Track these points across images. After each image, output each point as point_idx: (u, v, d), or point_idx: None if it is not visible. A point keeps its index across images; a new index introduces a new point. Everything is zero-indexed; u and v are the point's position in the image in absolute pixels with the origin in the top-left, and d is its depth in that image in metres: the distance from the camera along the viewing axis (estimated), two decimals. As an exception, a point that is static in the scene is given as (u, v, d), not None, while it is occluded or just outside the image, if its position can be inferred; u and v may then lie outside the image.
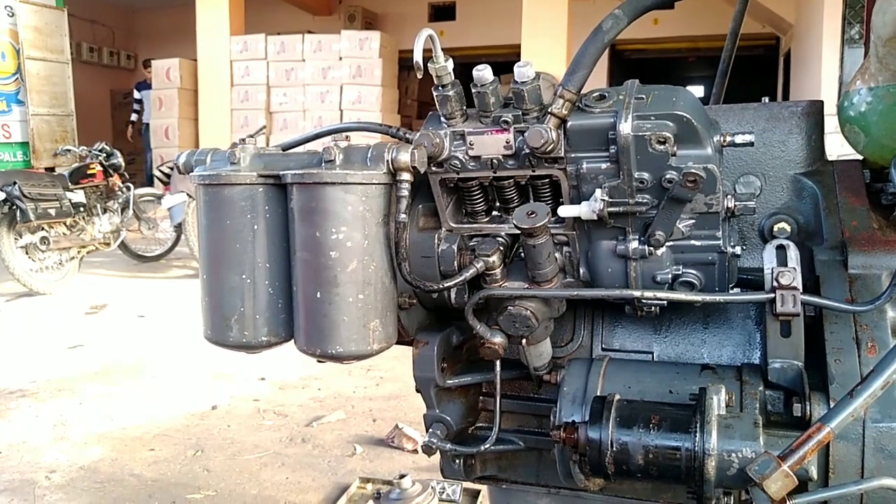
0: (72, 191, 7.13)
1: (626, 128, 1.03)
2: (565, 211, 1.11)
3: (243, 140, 1.24)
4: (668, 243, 1.11)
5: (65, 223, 7.07)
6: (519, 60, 1.07)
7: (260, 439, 3.48)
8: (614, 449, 1.04)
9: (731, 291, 1.16)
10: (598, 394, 1.15)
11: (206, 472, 3.14)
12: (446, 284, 1.16)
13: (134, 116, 13.11)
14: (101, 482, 3.04)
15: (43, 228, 6.79)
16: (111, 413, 3.83)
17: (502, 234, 1.22)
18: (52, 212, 6.78)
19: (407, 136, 1.28)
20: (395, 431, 3.40)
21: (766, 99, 1.35)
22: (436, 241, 1.23)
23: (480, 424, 1.43)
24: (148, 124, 12.50)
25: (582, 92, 1.10)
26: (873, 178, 1.32)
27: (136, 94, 12.98)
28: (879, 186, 1.31)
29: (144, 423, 3.69)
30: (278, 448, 3.37)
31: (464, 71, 1.07)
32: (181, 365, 4.65)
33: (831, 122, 1.29)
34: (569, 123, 1.08)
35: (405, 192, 1.11)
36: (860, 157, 1.35)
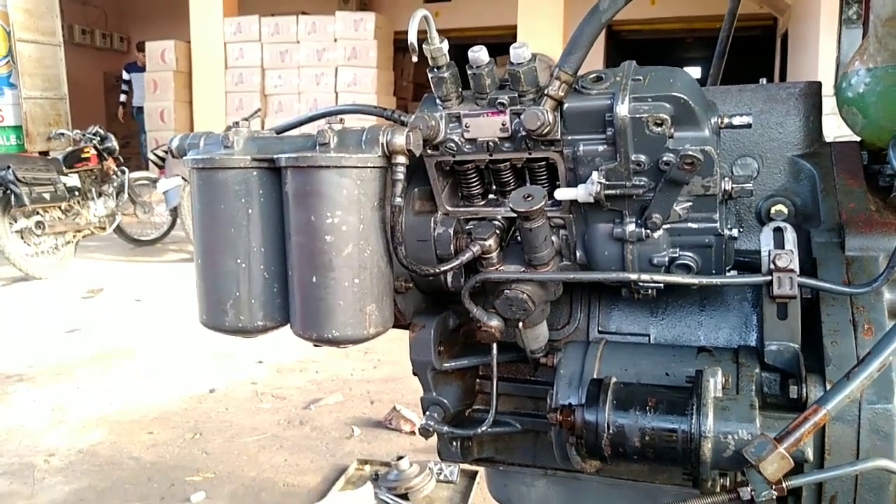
0: (66, 175, 7.08)
1: (622, 110, 1.02)
2: (562, 194, 1.10)
3: (237, 123, 1.23)
4: (664, 226, 1.10)
5: (60, 207, 7.03)
6: (515, 41, 1.05)
7: (258, 422, 3.49)
8: (611, 431, 1.05)
9: (727, 274, 1.16)
10: (595, 376, 1.15)
11: (205, 454, 3.15)
12: (443, 268, 1.16)
13: (122, 97, 13.00)
14: (100, 465, 3.05)
15: (38, 213, 6.75)
16: (109, 397, 3.83)
17: (499, 217, 1.22)
18: (47, 196, 6.75)
19: (402, 118, 1.27)
20: (392, 413, 3.41)
21: (764, 80, 1.34)
22: (432, 224, 1.22)
23: (477, 407, 1.43)
24: (140, 107, 12.39)
25: (579, 73, 1.09)
26: (871, 159, 1.32)
27: (125, 76, 12.86)
28: (877, 168, 1.30)
29: (142, 406, 3.70)
30: (276, 431, 3.39)
31: (459, 52, 1.06)
32: (178, 348, 4.65)
33: (829, 104, 1.28)
34: (565, 105, 1.07)
35: (400, 176, 1.10)
36: (858, 139, 1.34)
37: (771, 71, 13.17)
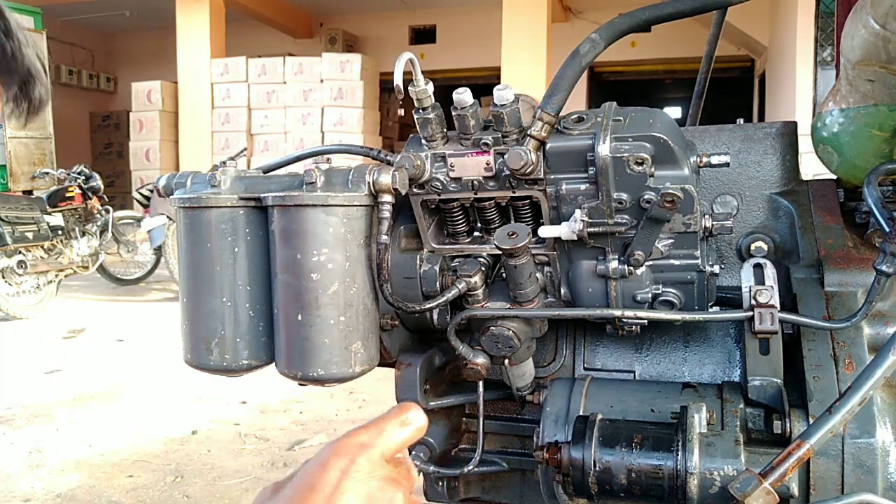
0: (50, 214, 7.06)
1: (604, 149, 1.04)
2: (545, 231, 1.12)
3: (224, 163, 1.24)
4: (647, 263, 1.11)
5: (42, 247, 6.98)
6: (499, 82, 1.08)
7: (241, 464, 3.43)
8: (597, 469, 1.05)
9: (710, 310, 1.17)
10: (581, 413, 1.16)
11: (186, 498, 3.08)
12: (428, 305, 1.16)
13: None
14: (78, 511, 2.98)
15: (20, 252, 6.70)
16: (89, 439, 3.76)
17: (484, 254, 1.23)
18: (30, 235, 6.71)
19: (388, 158, 1.28)
20: (378, 454, 3.37)
21: (741, 120, 1.38)
22: (418, 262, 1.23)
23: (464, 446, 1.42)
24: None
25: (561, 114, 1.11)
26: (847, 197, 1.35)
27: None
28: (853, 205, 1.33)
29: (123, 448, 3.63)
30: (260, 473, 3.33)
31: (444, 93, 1.08)
32: (160, 389, 4.58)
33: (806, 143, 1.31)
34: (548, 145, 1.09)
35: (387, 214, 1.11)
36: (834, 177, 1.38)
37: (749, 110, 13.44)
